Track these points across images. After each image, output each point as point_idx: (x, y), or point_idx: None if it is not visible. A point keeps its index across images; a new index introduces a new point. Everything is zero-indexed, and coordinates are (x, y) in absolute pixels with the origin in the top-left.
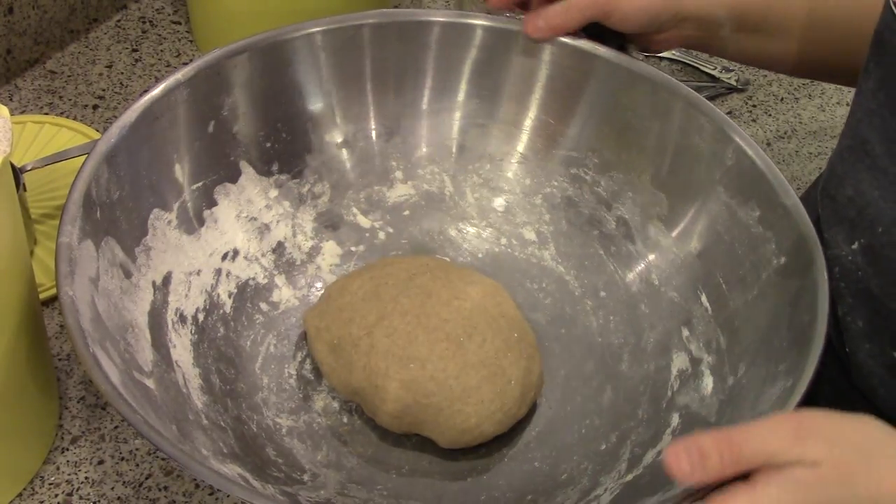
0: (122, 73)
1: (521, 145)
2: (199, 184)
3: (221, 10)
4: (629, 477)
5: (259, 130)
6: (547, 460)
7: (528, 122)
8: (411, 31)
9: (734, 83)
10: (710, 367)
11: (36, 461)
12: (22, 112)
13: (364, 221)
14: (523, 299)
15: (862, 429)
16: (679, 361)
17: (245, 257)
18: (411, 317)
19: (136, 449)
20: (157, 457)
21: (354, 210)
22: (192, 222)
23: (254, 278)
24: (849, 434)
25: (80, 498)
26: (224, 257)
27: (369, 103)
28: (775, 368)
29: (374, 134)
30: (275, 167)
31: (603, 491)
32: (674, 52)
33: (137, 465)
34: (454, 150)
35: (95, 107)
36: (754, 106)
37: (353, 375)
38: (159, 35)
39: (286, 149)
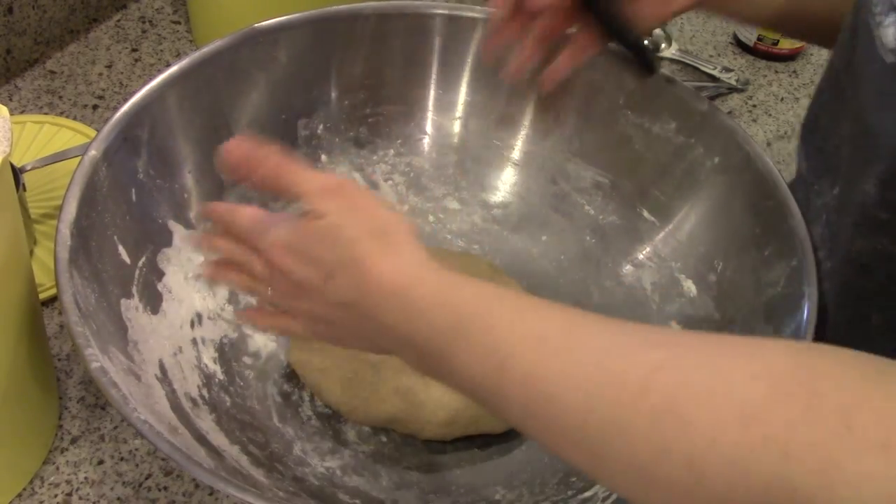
0: (122, 73)
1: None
2: (143, 258)
3: (221, 9)
4: None
5: (174, 183)
6: None
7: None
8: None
9: (734, 83)
10: (683, 272)
11: (36, 461)
12: (22, 112)
13: None
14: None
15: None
16: (648, 276)
17: (208, 318)
18: None
19: (136, 449)
20: (157, 457)
21: None
22: (152, 300)
23: (225, 335)
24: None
25: (80, 498)
26: (192, 325)
27: (263, 126)
28: (761, 255)
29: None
30: (196, 216)
31: None
32: (673, 52)
33: (137, 465)
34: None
35: (95, 107)
36: (754, 106)
37: (385, 403)
38: (159, 35)
39: (202, 193)
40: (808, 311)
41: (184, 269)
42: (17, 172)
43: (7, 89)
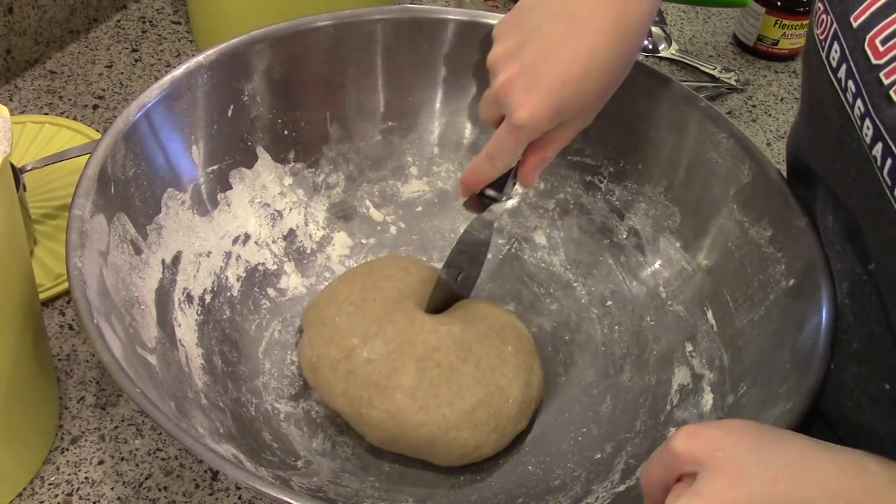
0: (122, 73)
1: None
2: (215, 166)
3: (221, 10)
4: (622, 487)
5: (278, 118)
6: (541, 465)
7: None
8: (429, 28)
9: (734, 83)
10: (710, 384)
11: (36, 461)
12: (22, 112)
13: (376, 215)
14: (529, 303)
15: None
16: (680, 376)
17: (256, 242)
18: (395, 344)
19: (136, 449)
20: (157, 457)
21: (367, 203)
22: (206, 204)
23: (263, 263)
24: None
25: (80, 498)
26: (235, 241)
27: (384, 98)
28: (776, 390)
29: (391, 128)
30: (291, 155)
31: (594, 499)
32: (673, 52)
33: (137, 465)
34: (467, 148)
35: (95, 107)
36: (754, 106)
37: (334, 399)
38: (159, 35)
39: (303, 138)
40: (823, 336)
41: (253, 192)
42: (17, 172)
43: (7, 89)
